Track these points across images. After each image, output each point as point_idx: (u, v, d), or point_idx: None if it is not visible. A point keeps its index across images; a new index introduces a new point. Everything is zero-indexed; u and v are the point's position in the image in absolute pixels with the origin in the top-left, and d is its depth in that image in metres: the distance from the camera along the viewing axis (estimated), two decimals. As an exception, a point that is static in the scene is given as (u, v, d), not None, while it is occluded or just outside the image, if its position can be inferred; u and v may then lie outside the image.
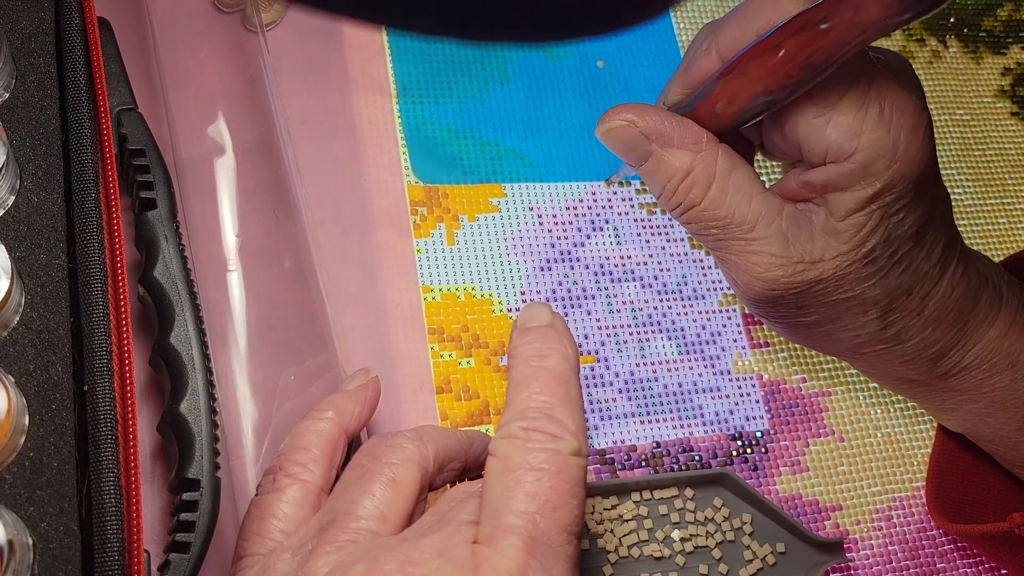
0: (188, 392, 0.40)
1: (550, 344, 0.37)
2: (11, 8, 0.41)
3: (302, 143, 0.52)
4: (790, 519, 0.49)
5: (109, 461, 0.34)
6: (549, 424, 0.35)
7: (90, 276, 0.37)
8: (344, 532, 0.35)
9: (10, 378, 0.35)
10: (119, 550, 0.33)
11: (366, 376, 0.44)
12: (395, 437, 0.39)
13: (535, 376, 0.36)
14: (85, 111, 0.40)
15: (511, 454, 0.34)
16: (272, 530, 0.38)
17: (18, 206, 0.38)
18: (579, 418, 0.36)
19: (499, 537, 0.33)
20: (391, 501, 0.37)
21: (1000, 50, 0.69)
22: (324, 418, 0.41)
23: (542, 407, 0.35)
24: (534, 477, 0.34)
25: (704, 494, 0.49)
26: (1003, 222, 0.63)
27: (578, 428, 0.35)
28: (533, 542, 0.33)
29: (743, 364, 0.55)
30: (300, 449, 0.40)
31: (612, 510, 0.48)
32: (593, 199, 0.56)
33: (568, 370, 0.37)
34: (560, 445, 0.34)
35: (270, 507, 0.38)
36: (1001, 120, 0.67)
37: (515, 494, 0.34)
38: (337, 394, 0.43)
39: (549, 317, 0.38)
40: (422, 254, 0.52)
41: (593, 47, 0.61)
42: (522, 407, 0.36)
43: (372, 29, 0.57)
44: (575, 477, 0.34)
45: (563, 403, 0.36)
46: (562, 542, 0.34)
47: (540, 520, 0.33)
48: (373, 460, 0.38)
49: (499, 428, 0.36)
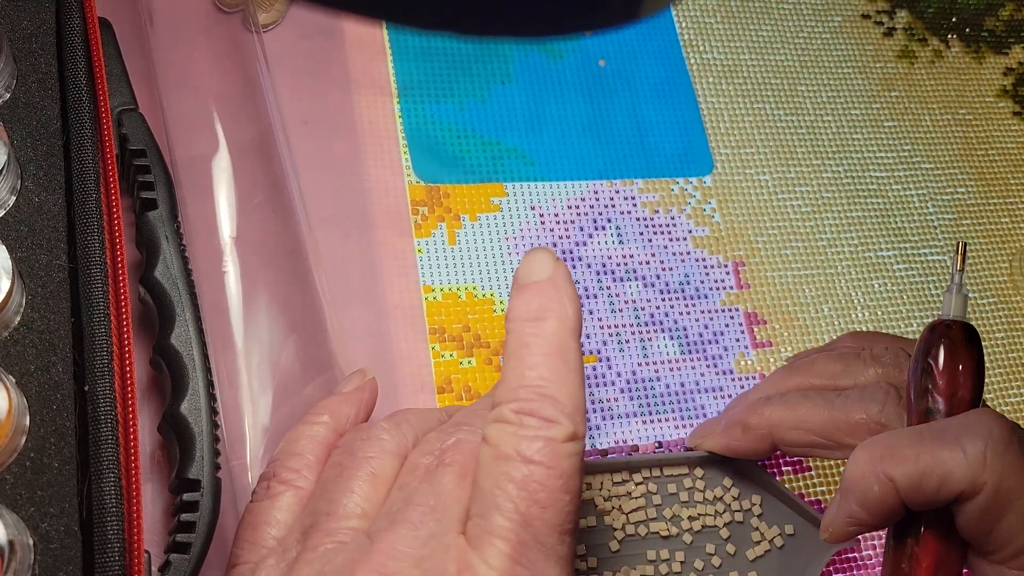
0: (189, 392, 0.40)
1: (548, 304, 0.35)
2: (12, 8, 0.41)
3: (303, 143, 0.52)
4: (799, 502, 0.49)
5: (110, 461, 0.34)
6: (543, 406, 0.33)
7: (91, 276, 0.37)
8: (327, 534, 0.34)
9: (11, 378, 0.35)
10: (120, 550, 0.33)
11: (362, 378, 0.43)
12: (372, 429, 0.38)
13: (530, 345, 0.34)
14: (86, 111, 0.40)
15: (502, 442, 0.33)
16: (266, 537, 0.37)
17: (19, 206, 0.38)
18: (576, 394, 0.34)
19: (485, 540, 0.32)
20: (371, 495, 0.36)
21: (1002, 50, 0.69)
22: (319, 422, 0.40)
23: (536, 385, 0.33)
24: (524, 472, 0.32)
25: (713, 474, 0.49)
26: (1005, 222, 0.63)
27: (575, 407, 0.33)
28: (521, 547, 0.32)
29: (745, 364, 0.55)
30: (294, 455, 0.39)
31: (620, 485, 0.48)
32: (595, 198, 0.56)
33: (567, 336, 0.34)
34: (554, 431, 0.33)
35: (264, 514, 0.38)
36: (1003, 120, 0.67)
37: (504, 491, 0.32)
38: (333, 397, 0.42)
39: (550, 269, 0.35)
40: (423, 254, 0.52)
41: (595, 46, 0.61)
42: (515, 384, 0.34)
43: (373, 28, 0.57)
44: (568, 469, 0.33)
45: (560, 378, 0.34)
46: (554, 543, 0.32)
47: (530, 521, 0.32)
48: (351, 456, 0.37)
49: (492, 409, 0.34)
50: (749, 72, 0.63)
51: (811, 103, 0.63)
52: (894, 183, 0.62)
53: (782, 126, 0.62)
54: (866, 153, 0.63)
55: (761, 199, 0.59)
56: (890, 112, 0.65)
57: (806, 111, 0.63)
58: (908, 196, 0.62)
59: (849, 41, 0.66)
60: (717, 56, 0.63)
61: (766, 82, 0.63)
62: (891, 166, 0.63)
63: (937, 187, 0.63)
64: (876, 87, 0.65)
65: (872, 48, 0.66)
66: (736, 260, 0.57)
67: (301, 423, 0.41)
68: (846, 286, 0.58)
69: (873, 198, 0.62)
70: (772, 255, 0.58)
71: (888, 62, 0.66)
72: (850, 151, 0.63)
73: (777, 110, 0.62)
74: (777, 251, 0.58)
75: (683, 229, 0.57)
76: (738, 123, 0.61)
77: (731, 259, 0.57)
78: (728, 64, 0.63)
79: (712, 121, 0.61)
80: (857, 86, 0.65)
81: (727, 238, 0.58)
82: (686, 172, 0.59)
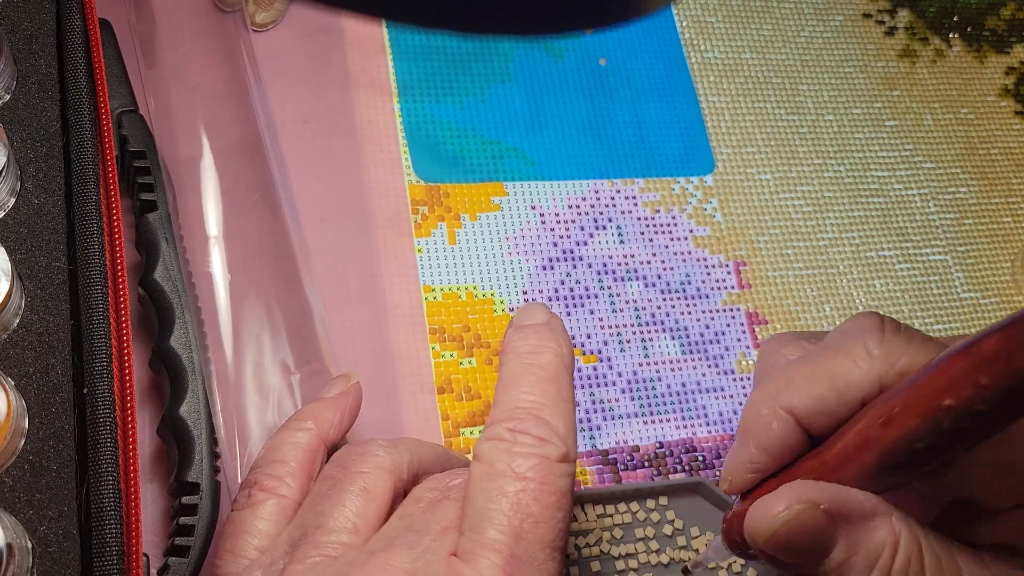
0: (188, 395, 0.40)
1: (545, 342, 0.36)
2: (12, 9, 0.41)
3: (302, 142, 0.52)
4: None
5: (108, 464, 0.34)
6: (537, 426, 0.33)
7: (90, 278, 0.37)
8: (316, 547, 0.34)
9: (10, 381, 0.35)
10: (118, 554, 0.33)
11: (346, 383, 0.42)
12: (367, 445, 0.38)
13: (526, 373, 0.35)
14: (86, 113, 0.40)
15: (496, 459, 0.33)
16: (246, 547, 0.36)
17: (18, 208, 0.38)
18: (570, 421, 0.34)
19: (478, 554, 0.32)
20: (363, 511, 0.35)
21: (1004, 49, 0.69)
22: (302, 428, 0.40)
23: (531, 407, 0.34)
24: (518, 487, 0.32)
25: (679, 504, 0.48)
26: (1008, 221, 0.63)
27: (568, 431, 0.34)
28: (514, 560, 0.32)
29: (747, 364, 0.54)
30: (275, 462, 0.38)
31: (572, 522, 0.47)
32: (596, 197, 0.56)
33: (561, 369, 0.35)
34: (548, 450, 0.33)
35: (244, 523, 0.37)
36: (1005, 119, 0.66)
37: (497, 505, 0.32)
38: (316, 402, 0.42)
39: (546, 316, 0.37)
40: (423, 253, 0.52)
41: (595, 45, 0.61)
42: (510, 406, 0.34)
43: (373, 27, 0.56)
44: (561, 488, 0.33)
45: (554, 404, 0.34)
46: (545, 558, 0.32)
47: (522, 535, 0.32)
48: (344, 470, 0.37)
49: (485, 428, 0.34)
50: (750, 71, 0.63)
51: (812, 102, 0.63)
52: (896, 182, 0.62)
53: (783, 125, 0.62)
54: (868, 152, 0.63)
55: (762, 198, 0.59)
56: (891, 111, 0.65)
57: (807, 110, 0.63)
58: (910, 195, 0.62)
59: (850, 40, 0.66)
60: (718, 55, 0.63)
61: (767, 81, 0.63)
62: (893, 165, 0.63)
63: (939, 187, 0.63)
64: (877, 86, 0.65)
65: (873, 47, 0.66)
66: (737, 260, 0.57)
67: (283, 429, 0.40)
68: (848, 286, 0.58)
69: (875, 197, 0.61)
70: (773, 255, 0.58)
71: (889, 61, 0.66)
72: (852, 150, 0.62)
73: (778, 109, 0.62)
74: (778, 251, 0.58)
75: (684, 229, 0.57)
76: (739, 122, 0.61)
77: (732, 259, 0.57)
78: (729, 63, 0.63)
79: (713, 120, 0.61)
80: (858, 85, 0.65)
81: (728, 238, 0.57)
82: (687, 171, 0.59)
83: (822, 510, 0.33)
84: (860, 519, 0.33)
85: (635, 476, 0.50)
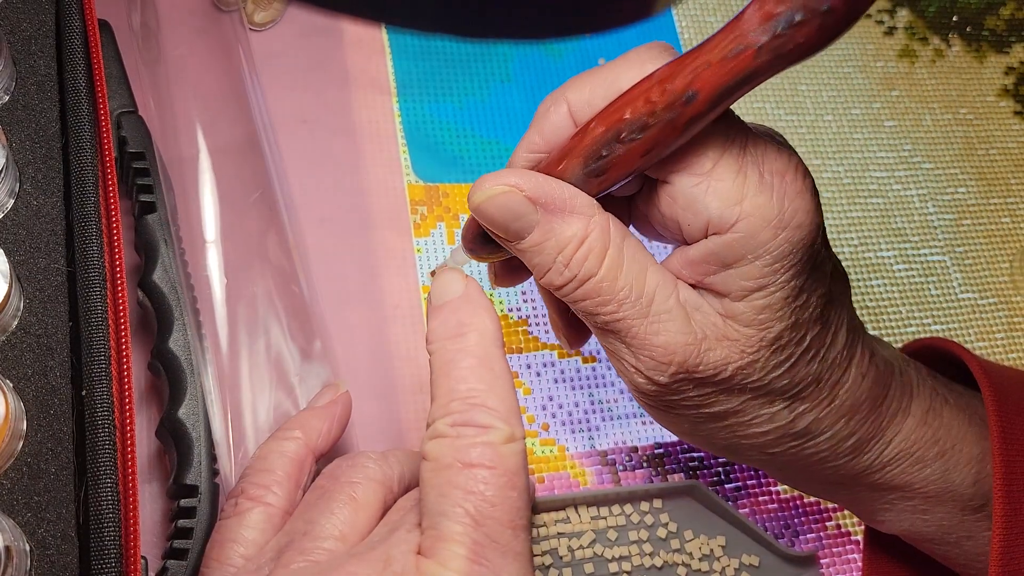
0: (187, 397, 0.40)
1: (466, 319, 0.35)
2: (11, 10, 0.41)
3: (301, 142, 0.52)
4: (762, 533, 0.49)
5: (107, 467, 0.34)
6: (476, 415, 0.34)
7: (89, 280, 0.37)
8: (301, 553, 0.34)
9: (8, 383, 0.35)
10: (116, 556, 0.33)
11: (335, 392, 0.43)
12: (358, 457, 0.38)
13: (455, 361, 0.35)
14: (85, 114, 0.40)
15: (442, 455, 0.33)
16: (232, 555, 0.36)
17: (17, 209, 0.38)
18: (508, 399, 0.34)
19: (440, 548, 0.32)
20: (350, 519, 0.36)
21: (1003, 49, 0.69)
22: (289, 438, 0.40)
23: (466, 396, 0.34)
24: (467, 476, 0.33)
25: (673, 506, 0.49)
26: (1006, 222, 0.63)
27: (508, 411, 0.34)
28: (477, 547, 0.32)
29: (744, 365, 0.54)
30: (263, 471, 0.39)
31: (565, 524, 0.47)
32: (594, 198, 0.56)
33: (489, 346, 0.35)
34: (491, 436, 0.33)
35: (230, 532, 0.37)
36: (1004, 119, 0.66)
37: (450, 497, 0.33)
38: (305, 411, 0.42)
39: (462, 286, 0.36)
40: (422, 253, 0.52)
41: (594, 45, 0.60)
42: (446, 400, 0.34)
43: (372, 27, 0.56)
44: (511, 467, 0.33)
45: (489, 386, 0.34)
46: (508, 539, 0.33)
47: (481, 521, 0.32)
48: (334, 480, 0.37)
49: (427, 427, 0.34)
50: (750, 71, 0.63)
51: (811, 102, 0.63)
52: (894, 183, 0.62)
53: (782, 125, 0.62)
54: (866, 153, 0.63)
55: (761, 199, 0.59)
56: (890, 111, 0.65)
57: (806, 110, 0.63)
58: (908, 196, 0.62)
59: (849, 40, 0.66)
60: (718, 55, 0.63)
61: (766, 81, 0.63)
62: (891, 166, 0.63)
63: (937, 187, 0.63)
64: (876, 86, 0.65)
65: (873, 47, 0.66)
66: (735, 260, 0.57)
67: (272, 439, 0.40)
68: (845, 287, 0.58)
69: (873, 198, 0.61)
70: (772, 255, 0.58)
71: (889, 61, 0.66)
72: (850, 150, 0.63)
73: (777, 109, 0.62)
74: (777, 251, 0.58)
75: (683, 229, 0.57)
76: (738, 122, 0.61)
77: (730, 259, 0.57)
78: (729, 63, 0.63)
79: (712, 120, 0.61)
80: (857, 85, 0.65)
81: (727, 238, 0.57)
82: (686, 172, 0.59)
83: (524, 195, 0.36)
84: (559, 211, 0.36)
85: (634, 476, 0.50)
